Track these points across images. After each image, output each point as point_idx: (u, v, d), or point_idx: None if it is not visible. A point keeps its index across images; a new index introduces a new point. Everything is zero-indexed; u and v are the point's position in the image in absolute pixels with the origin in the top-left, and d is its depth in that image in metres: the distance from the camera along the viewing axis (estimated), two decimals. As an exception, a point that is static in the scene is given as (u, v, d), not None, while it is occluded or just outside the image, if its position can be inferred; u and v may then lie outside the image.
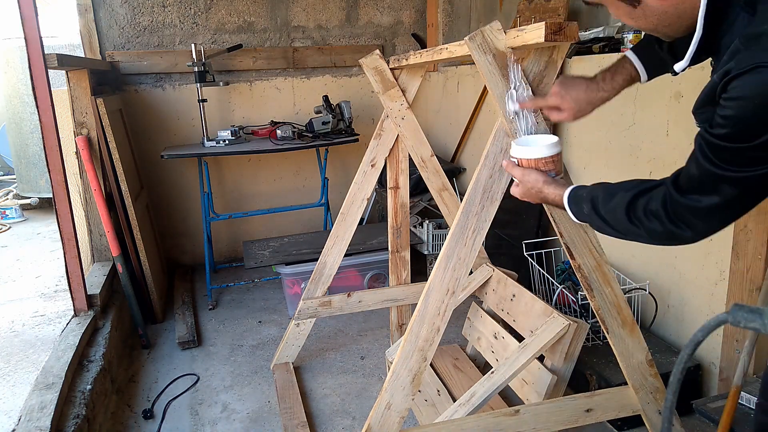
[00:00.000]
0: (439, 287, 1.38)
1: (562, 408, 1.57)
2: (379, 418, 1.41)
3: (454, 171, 3.68)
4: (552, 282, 2.46)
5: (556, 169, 1.25)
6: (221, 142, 3.26)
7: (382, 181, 2.62)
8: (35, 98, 2.16)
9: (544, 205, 1.33)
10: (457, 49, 1.43)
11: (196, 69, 3.19)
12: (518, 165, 1.27)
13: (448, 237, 1.38)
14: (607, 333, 1.49)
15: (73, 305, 2.38)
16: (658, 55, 1.23)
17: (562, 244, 1.41)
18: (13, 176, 5.15)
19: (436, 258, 3.24)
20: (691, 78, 1.97)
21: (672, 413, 0.66)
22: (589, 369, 2.08)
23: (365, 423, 1.43)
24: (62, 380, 1.86)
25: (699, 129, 0.94)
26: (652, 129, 2.17)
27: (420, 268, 3.29)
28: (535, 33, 1.16)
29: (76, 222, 2.35)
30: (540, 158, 1.23)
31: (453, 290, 1.38)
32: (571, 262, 1.44)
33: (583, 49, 2.47)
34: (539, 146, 1.24)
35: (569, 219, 1.25)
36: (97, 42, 3.36)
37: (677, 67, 1.02)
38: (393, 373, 1.40)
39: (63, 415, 1.78)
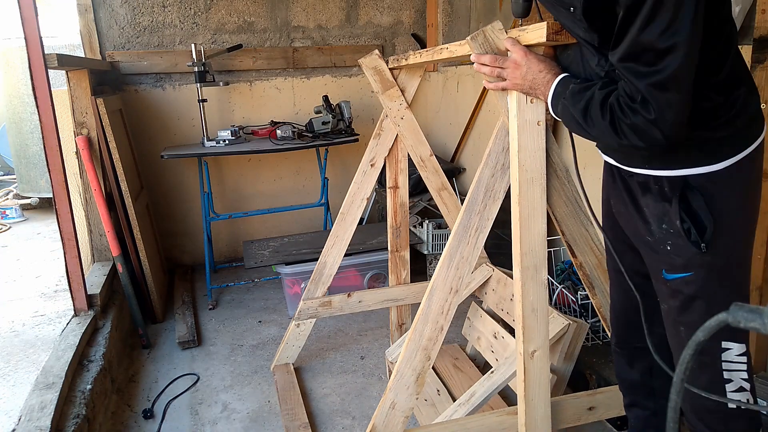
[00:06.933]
0: (443, 286, 1.38)
1: (565, 406, 1.57)
2: (383, 418, 1.41)
3: (453, 171, 3.69)
4: (552, 282, 2.46)
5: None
6: (221, 142, 3.26)
7: (382, 181, 2.62)
8: (35, 98, 2.16)
9: (548, 211, 1.33)
10: (458, 48, 1.43)
11: (196, 69, 3.19)
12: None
13: (450, 236, 1.38)
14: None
15: (73, 305, 2.38)
16: None
17: (564, 242, 1.42)
18: (13, 176, 5.16)
19: (435, 258, 3.26)
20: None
21: (677, 413, 0.65)
22: (589, 369, 2.08)
23: (370, 423, 1.43)
24: (62, 380, 1.86)
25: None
26: (652, 129, 2.16)
27: (420, 268, 3.29)
28: (537, 33, 1.16)
29: (76, 222, 2.35)
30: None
31: (456, 289, 1.38)
32: (572, 260, 1.44)
33: (583, 49, 2.47)
34: None
35: (571, 217, 1.24)
36: (97, 42, 3.36)
37: None
38: (397, 372, 1.40)
39: (63, 415, 1.78)
